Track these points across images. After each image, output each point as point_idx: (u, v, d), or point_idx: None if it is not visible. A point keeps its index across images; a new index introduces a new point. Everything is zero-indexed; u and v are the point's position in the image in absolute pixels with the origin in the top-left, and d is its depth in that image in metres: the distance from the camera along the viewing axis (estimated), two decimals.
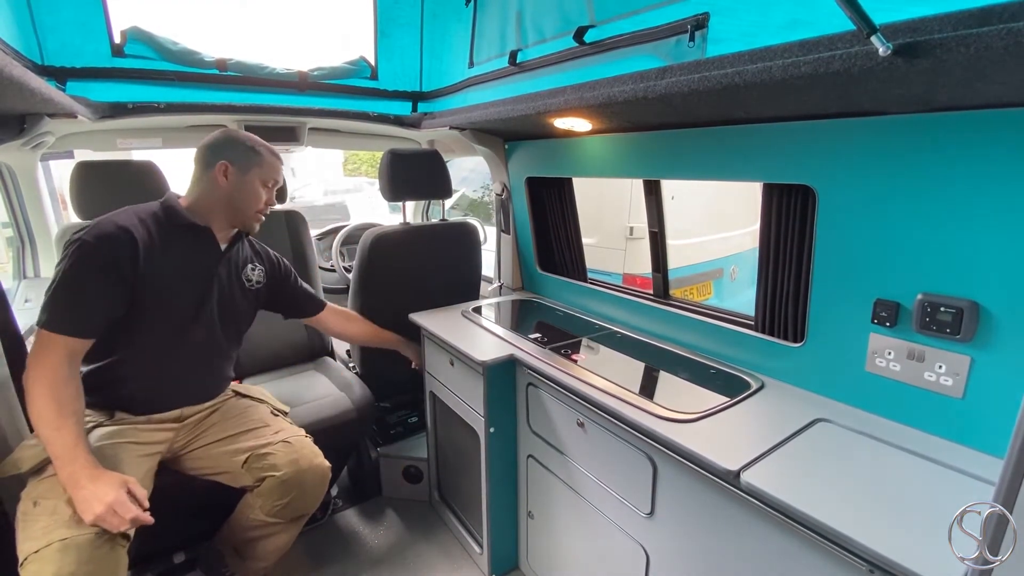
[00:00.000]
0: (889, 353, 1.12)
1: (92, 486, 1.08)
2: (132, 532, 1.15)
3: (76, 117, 1.52)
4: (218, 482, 1.44)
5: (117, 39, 1.70)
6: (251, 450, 1.40)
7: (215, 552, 1.57)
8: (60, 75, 1.61)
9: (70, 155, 2.19)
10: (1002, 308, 0.95)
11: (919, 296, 1.05)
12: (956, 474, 0.95)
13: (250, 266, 1.58)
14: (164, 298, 1.34)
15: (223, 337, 1.50)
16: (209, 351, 1.47)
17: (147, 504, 1.15)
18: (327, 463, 1.47)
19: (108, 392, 1.34)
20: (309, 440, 1.49)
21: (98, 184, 1.66)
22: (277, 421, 1.53)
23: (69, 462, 1.10)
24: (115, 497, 1.08)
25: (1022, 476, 0.54)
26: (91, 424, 1.30)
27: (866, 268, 1.13)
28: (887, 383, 1.13)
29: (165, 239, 1.34)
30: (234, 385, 1.62)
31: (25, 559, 1.04)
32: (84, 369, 1.33)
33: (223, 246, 1.48)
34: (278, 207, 2.13)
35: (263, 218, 1.49)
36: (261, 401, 1.60)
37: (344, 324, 1.91)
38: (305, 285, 1.81)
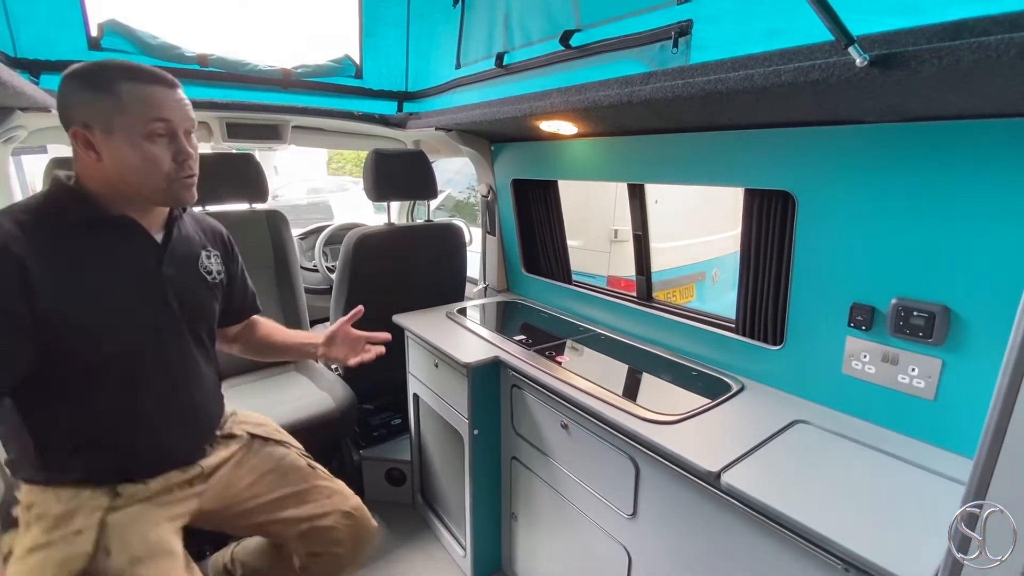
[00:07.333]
0: (865, 356, 1.15)
1: None
2: None
3: (50, 111, 1.48)
4: None
5: (94, 32, 1.65)
6: (309, 520, 1.24)
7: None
8: (34, 68, 1.56)
9: (43, 150, 2.13)
10: (972, 313, 0.98)
11: (893, 300, 1.08)
12: (929, 474, 0.98)
13: (204, 253, 1.17)
14: (100, 325, 0.95)
15: (195, 346, 1.14)
16: (190, 367, 1.12)
17: None
18: (375, 524, 1.38)
19: (93, 460, 0.99)
20: (364, 507, 1.36)
21: None
22: (315, 474, 1.34)
23: None
24: None
25: (991, 474, 0.56)
26: (97, 512, 0.96)
27: (843, 272, 1.16)
28: (863, 385, 1.16)
29: (72, 243, 0.93)
30: (233, 417, 1.30)
31: None
32: (44, 443, 0.97)
33: (158, 237, 1.05)
34: (259, 206, 2.10)
35: (191, 180, 0.99)
36: (282, 443, 1.34)
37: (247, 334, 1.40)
38: (250, 282, 1.38)
